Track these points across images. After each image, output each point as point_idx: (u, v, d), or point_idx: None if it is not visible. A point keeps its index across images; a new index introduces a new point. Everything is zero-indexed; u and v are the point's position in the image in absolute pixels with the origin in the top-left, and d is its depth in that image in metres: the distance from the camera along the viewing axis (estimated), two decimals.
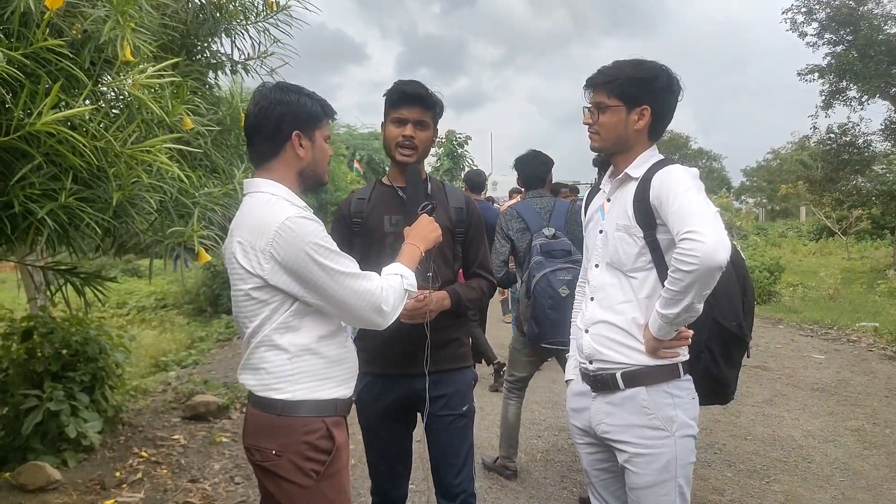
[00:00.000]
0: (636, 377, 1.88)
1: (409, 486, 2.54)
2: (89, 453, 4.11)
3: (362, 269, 1.74)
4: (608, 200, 2.00)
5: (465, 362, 2.39)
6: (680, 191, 1.75)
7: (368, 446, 2.40)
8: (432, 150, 2.51)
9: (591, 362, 1.97)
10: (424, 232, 2.00)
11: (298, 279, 1.64)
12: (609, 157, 2.02)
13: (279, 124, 1.74)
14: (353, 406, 2.36)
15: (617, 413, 1.91)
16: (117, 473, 3.91)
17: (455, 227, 2.35)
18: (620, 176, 1.94)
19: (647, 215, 1.84)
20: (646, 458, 1.87)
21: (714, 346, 3.89)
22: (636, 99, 1.89)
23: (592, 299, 1.98)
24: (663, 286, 1.83)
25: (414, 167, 2.25)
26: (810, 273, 13.26)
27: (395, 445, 2.39)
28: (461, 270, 2.46)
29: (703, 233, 1.63)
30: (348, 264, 1.69)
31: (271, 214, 1.64)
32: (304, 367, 1.71)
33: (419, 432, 2.43)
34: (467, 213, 2.36)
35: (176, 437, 4.58)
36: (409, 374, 2.26)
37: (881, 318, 8.58)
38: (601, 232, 1.98)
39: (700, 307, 1.77)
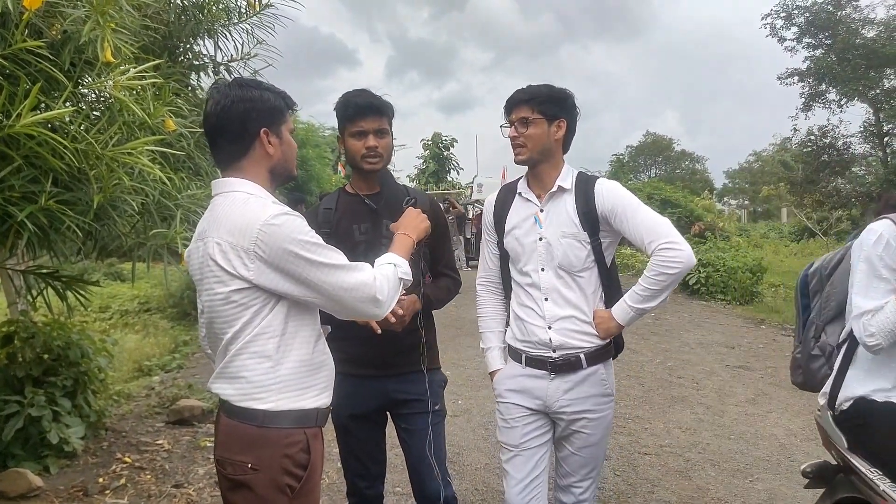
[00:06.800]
0: (596, 356, 2.26)
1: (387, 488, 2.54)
2: (72, 459, 4.07)
3: None
4: (541, 211, 2.26)
5: (434, 363, 2.46)
6: (635, 205, 2.15)
7: (343, 445, 2.45)
8: (417, 153, 2.54)
9: (554, 351, 2.24)
10: (415, 222, 2.03)
11: (288, 276, 1.59)
12: (533, 168, 2.28)
13: (245, 123, 1.65)
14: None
15: (577, 388, 2.25)
16: (100, 479, 3.86)
17: None
18: (554, 189, 2.23)
19: (593, 223, 2.19)
20: (599, 420, 2.29)
21: None
22: (554, 114, 2.20)
23: (547, 300, 2.25)
24: (601, 281, 2.24)
25: (385, 170, 2.36)
26: (792, 274, 13.38)
27: (368, 444, 2.43)
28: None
29: (679, 242, 2.08)
30: (337, 257, 1.65)
31: (252, 213, 1.58)
32: (287, 374, 1.65)
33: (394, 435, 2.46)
34: (433, 215, 2.39)
35: (160, 442, 4.54)
36: (381, 374, 2.33)
37: None
38: (541, 239, 2.24)
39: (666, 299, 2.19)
